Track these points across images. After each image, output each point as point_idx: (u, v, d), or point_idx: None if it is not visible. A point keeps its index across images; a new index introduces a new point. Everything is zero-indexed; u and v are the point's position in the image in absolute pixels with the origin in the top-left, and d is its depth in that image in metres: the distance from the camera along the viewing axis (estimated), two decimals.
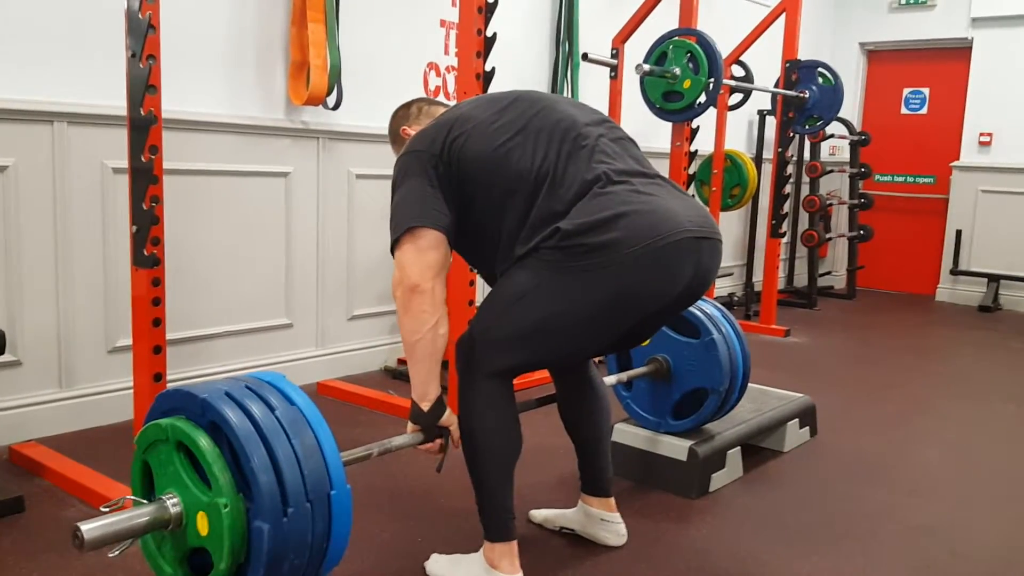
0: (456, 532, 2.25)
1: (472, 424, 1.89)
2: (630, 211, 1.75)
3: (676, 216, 1.78)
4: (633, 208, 1.75)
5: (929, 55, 6.99)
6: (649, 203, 1.78)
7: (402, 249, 1.81)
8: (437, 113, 2.15)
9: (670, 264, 1.78)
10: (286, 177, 3.51)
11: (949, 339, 5.53)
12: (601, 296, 1.76)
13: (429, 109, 2.20)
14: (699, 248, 1.81)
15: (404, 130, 2.16)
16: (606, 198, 1.77)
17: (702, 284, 1.88)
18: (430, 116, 2.15)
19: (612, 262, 1.73)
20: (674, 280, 1.81)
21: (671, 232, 1.75)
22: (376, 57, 3.78)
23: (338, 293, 3.80)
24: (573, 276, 1.76)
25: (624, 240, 1.72)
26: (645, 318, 1.87)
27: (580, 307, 1.78)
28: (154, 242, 2.16)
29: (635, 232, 1.73)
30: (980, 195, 6.59)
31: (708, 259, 1.86)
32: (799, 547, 2.27)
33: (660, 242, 1.74)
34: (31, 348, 2.82)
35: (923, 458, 3.07)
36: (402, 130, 2.18)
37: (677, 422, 2.64)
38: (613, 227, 1.73)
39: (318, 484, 1.41)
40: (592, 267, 1.74)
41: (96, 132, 2.87)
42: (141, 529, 1.38)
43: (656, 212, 1.77)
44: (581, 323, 1.81)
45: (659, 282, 1.79)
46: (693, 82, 3.93)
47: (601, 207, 1.75)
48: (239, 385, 1.45)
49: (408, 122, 2.19)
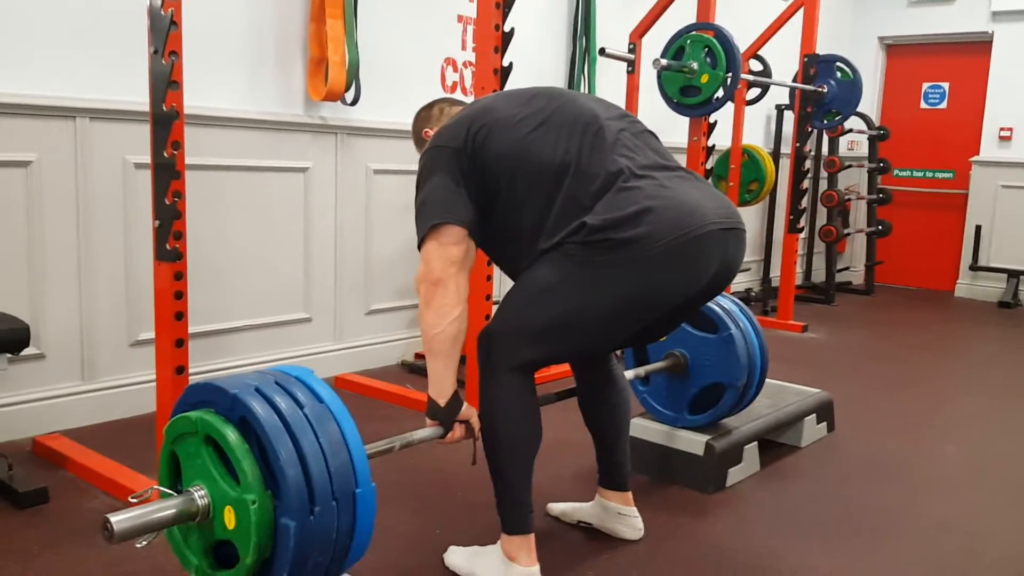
0: (474, 525, 2.26)
1: (493, 417, 1.90)
2: (656, 206, 1.76)
3: (701, 209, 1.79)
4: (659, 203, 1.76)
5: (949, 49, 6.94)
6: (674, 198, 1.79)
7: (426, 245, 1.83)
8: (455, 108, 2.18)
9: (697, 258, 1.79)
10: (305, 173, 3.53)
11: (968, 335, 5.50)
12: (627, 291, 1.78)
13: (451, 110, 2.22)
14: (725, 240, 1.83)
15: (427, 132, 2.19)
16: (631, 193, 1.77)
17: (728, 275, 1.90)
18: (452, 116, 2.16)
19: (639, 257, 1.74)
20: (701, 273, 1.82)
21: (698, 226, 1.76)
22: (394, 53, 3.79)
23: (356, 288, 3.82)
24: (599, 270, 1.77)
25: (651, 235, 1.73)
26: (671, 310, 1.88)
27: (605, 302, 1.79)
28: (176, 236, 2.18)
29: (662, 227, 1.74)
30: (1000, 190, 6.55)
31: (734, 250, 1.87)
32: (815, 542, 2.28)
33: (687, 237, 1.75)
34: (54, 342, 2.86)
35: (941, 454, 3.06)
36: (424, 132, 2.21)
37: (694, 417, 2.64)
38: (640, 222, 1.74)
39: (344, 482, 1.42)
40: (619, 262, 1.75)
41: (118, 127, 2.90)
42: (169, 521, 1.40)
43: (682, 207, 1.78)
44: (605, 317, 1.82)
45: (686, 276, 1.81)
46: (711, 77, 3.92)
47: (627, 202, 1.76)
48: (268, 380, 1.47)
49: (430, 124, 2.22)
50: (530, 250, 1.87)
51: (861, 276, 7.09)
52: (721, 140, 4.98)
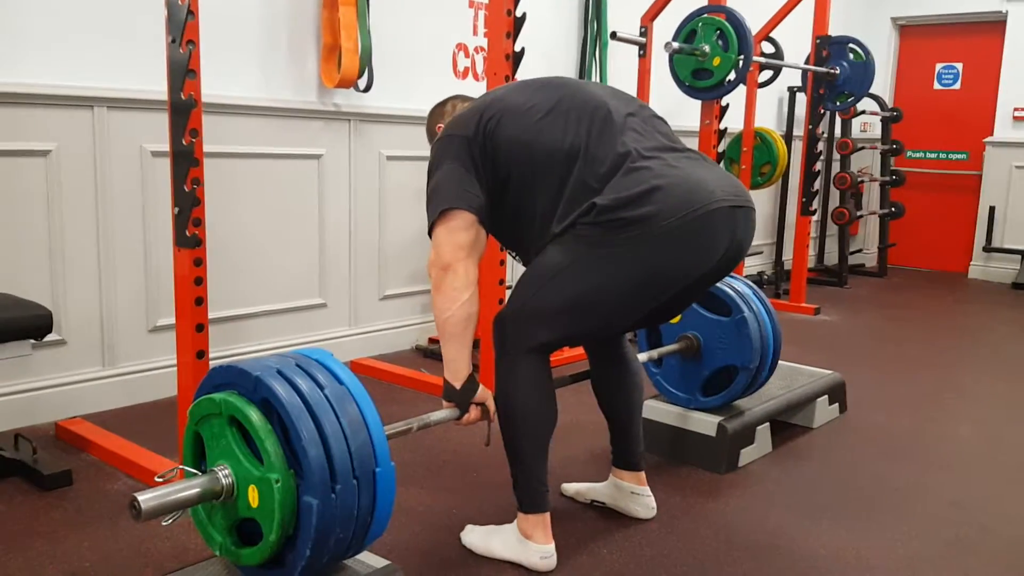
0: (490, 504, 2.30)
1: (509, 399, 1.93)
2: (664, 184, 1.78)
3: (709, 187, 1.81)
4: (667, 181, 1.79)
5: (962, 29, 6.88)
6: (682, 176, 1.82)
7: (436, 230, 1.87)
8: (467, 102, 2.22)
9: (707, 235, 1.81)
10: (319, 159, 3.56)
11: (981, 317, 5.49)
12: (639, 269, 1.80)
13: (463, 106, 2.25)
14: (734, 217, 1.85)
15: (439, 127, 2.22)
16: (639, 173, 1.80)
17: (738, 253, 1.92)
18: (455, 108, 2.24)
19: (649, 235, 1.76)
20: (711, 250, 1.84)
21: (706, 203, 1.78)
22: (406, 39, 3.80)
23: (370, 273, 3.85)
24: (610, 250, 1.79)
25: (660, 213, 1.76)
26: (683, 289, 1.90)
27: (617, 280, 1.81)
28: (196, 223, 2.21)
29: (670, 205, 1.76)
30: (1014, 171, 6.51)
31: (743, 228, 1.89)
32: (827, 522, 2.30)
33: (695, 214, 1.77)
34: (75, 328, 2.90)
35: (954, 435, 3.07)
36: (437, 127, 2.24)
37: (707, 399, 2.67)
38: (648, 201, 1.76)
39: (364, 461, 1.46)
40: (629, 241, 1.78)
41: (135, 116, 2.93)
42: (194, 499, 1.44)
43: (690, 185, 1.80)
44: (618, 296, 1.84)
45: (697, 253, 1.83)
46: (723, 59, 3.92)
47: (636, 182, 1.78)
48: (289, 363, 1.50)
49: (443, 119, 2.26)
50: (542, 234, 1.90)
51: (874, 258, 7.07)
52: (733, 123, 4.97)
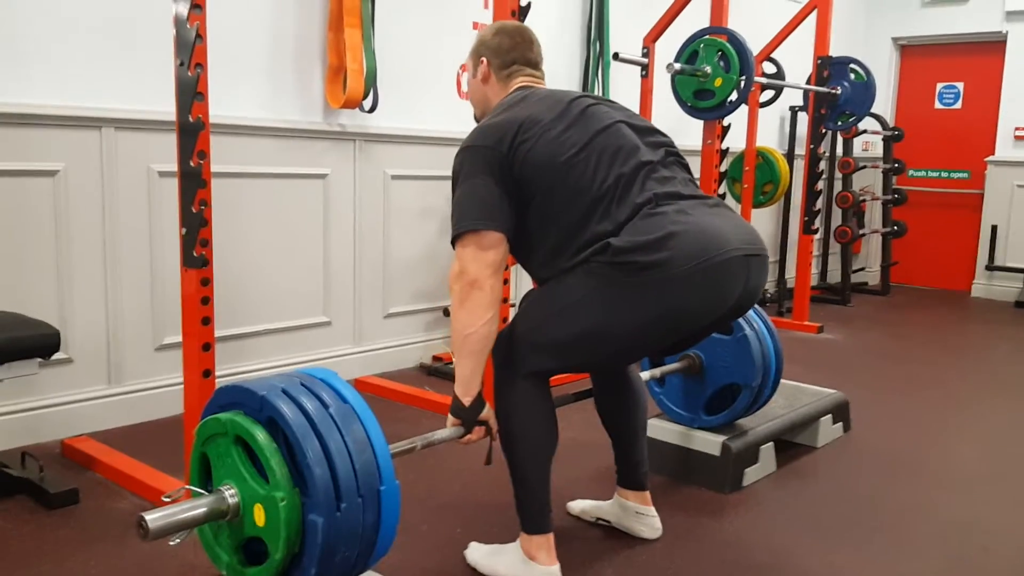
0: (494, 524, 2.30)
1: (510, 419, 1.94)
2: (680, 231, 1.79)
3: (725, 235, 1.83)
4: (683, 228, 1.80)
5: (963, 49, 6.93)
6: (698, 223, 1.83)
7: (464, 246, 1.85)
8: (510, 85, 2.12)
9: (720, 283, 1.82)
10: (324, 179, 3.59)
11: (984, 335, 5.49)
12: (649, 313, 1.81)
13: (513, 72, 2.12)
14: (748, 266, 1.86)
15: (484, 60, 2.12)
16: (657, 218, 1.82)
17: (751, 299, 1.94)
18: (508, 80, 2.12)
19: (663, 281, 1.77)
20: (723, 298, 1.86)
21: (720, 252, 1.80)
22: (410, 60, 3.84)
23: (374, 291, 3.87)
24: (622, 291, 1.80)
25: (674, 259, 1.77)
26: (691, 333, 1.92)
27: (627, 322, 1.82)
28: (203, 243, 2.23)
29: (685, 252, 1.77)
30: (1016, 190, 6.53)
31: (756, 276, 1.91)
32: (832, 541, 2.30)
33: (710, 262, 1.78)
34: (82, 346, 2.92)
35: (957, 454, 3.07)
36: (483, 59, 2.13)
37: (710, 418, 2.67)
38: (664, 247, 1.77)
39: (369, 479, 1.47)
40: (642, 284, 1.78)
41: (142, 137, 2.96)
42: (201, 519, 1.45)
43: (705, 232, 1.81)
44: (627, 337, 1.85)
45: (708, 299, 1.84)
46: (724, 80, 3.95)
47: (653, 227, 1.80)
48: (294, 382, 1.52)
49: (495, 60, 2.12)
50: (550, 263, 1.91)
51: (877, 276, 7.08)
52: (735, 142, 5.00)
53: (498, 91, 2.13)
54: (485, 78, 2.14)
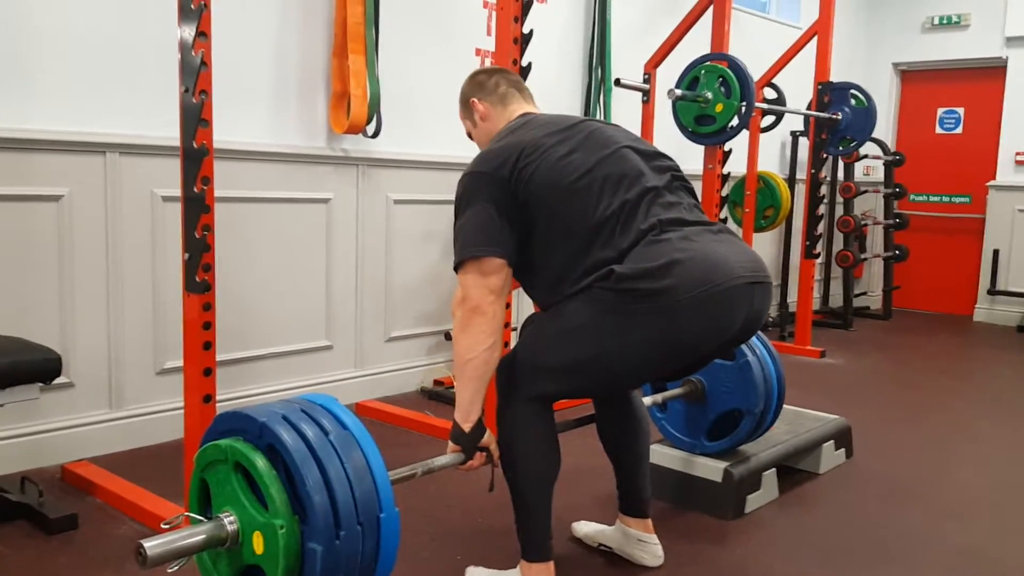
0: (494, 550, 2.29)
1: (511, 444, 1.94)
2: (684, 259, 1.79)
3: (729, 263, 1.83)
4: (687, 256, 1.80)
5: (963, 74, 6.96)
6: (703, 251, 1.83)
7: (466, 272, 1.86)
8: (509, 109, 2.14)
9: (723, 311, 1.82)
10: (327, 203, 3.60)
11: (987, 360, 5.47)
12: (652, 340, 1.81)
13: (505, 94, 2.16)
14: (752, 293, 1.87)
15: (474, 101, 2.15)
16: (661, 245, 1.82)
17: (755, 326, 1.94)
18: (503, 104, 2.14)
19: (666, 308, 1.77)
20: (727, 326, 1.86)
21: (724, 280, 1.80)
22: (414, 86, 3.86)
23: (376, 315, 3.87)
24: (625, 318, 1.80)
25: (678, 287, 1.77)
26: (695, 360, 1.92)
27: (630, 349, 1.82)
28: (205, 269, 2.24)
29: (689, 280, 1.77)
30: (1017, 214, 6.54)
31: (760, 303, 1.91)
32: (835, 569, 2.28)
33: (714, 289, 1.78)
34: (83, 370, 2.92)
35: (961, 480, 3.06)
36: (472, 101, 2.16)
37: (712, 443, 2.66)
38: (667, 274, 1.77)
39: (369, 507, 1.46)
40: (646, 311, 1.78)
41: (146, 162, 2.98)
42: (200, 546, 1.44)
43: (709, 259, 1.81)
44: (628, 364, 1.86)
45: (712, 327, 1.84)
46: (725, 106, 3.97)
47: (656, 254, 1.80)
48: (294, 408, 1.51)
49: (482, 95, 2.16)
50: (552, 288, 1.92)
51: (879, 301, 7.08)
52: (736, 167, 5.02)
53: (498, 119, 2.14)
54: (484, 115, 2.16)
